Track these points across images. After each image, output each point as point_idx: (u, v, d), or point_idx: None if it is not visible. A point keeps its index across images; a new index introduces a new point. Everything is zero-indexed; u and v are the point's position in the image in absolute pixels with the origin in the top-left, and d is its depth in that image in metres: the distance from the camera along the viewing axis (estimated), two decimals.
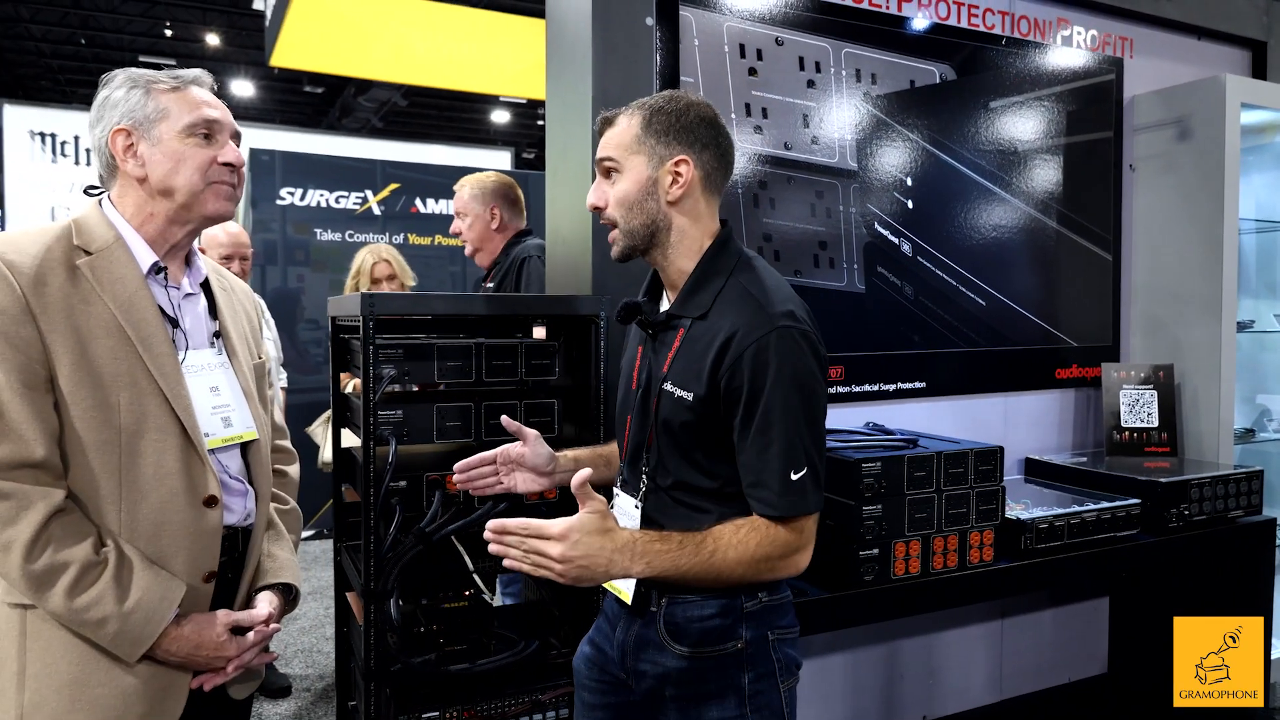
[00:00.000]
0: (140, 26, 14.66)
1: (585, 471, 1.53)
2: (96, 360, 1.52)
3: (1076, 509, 2.79)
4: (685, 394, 1.65)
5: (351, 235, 6.98)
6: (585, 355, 2.44)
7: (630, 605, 1.74)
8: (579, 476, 1.52)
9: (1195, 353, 3.42)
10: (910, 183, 3.11)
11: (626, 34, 2.58)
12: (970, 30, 3.21)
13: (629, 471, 1.80)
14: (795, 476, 1.56)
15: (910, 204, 3.10)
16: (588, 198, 1.75)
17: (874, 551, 2.44)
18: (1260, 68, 3.84)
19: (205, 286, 1.78)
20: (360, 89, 13.76)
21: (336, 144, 8.86)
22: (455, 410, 2.31)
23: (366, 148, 8.92)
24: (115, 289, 1.56)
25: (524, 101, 13.87)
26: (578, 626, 2.37)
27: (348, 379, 2.88)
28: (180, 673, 1.62)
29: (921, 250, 3.13)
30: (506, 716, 2.28)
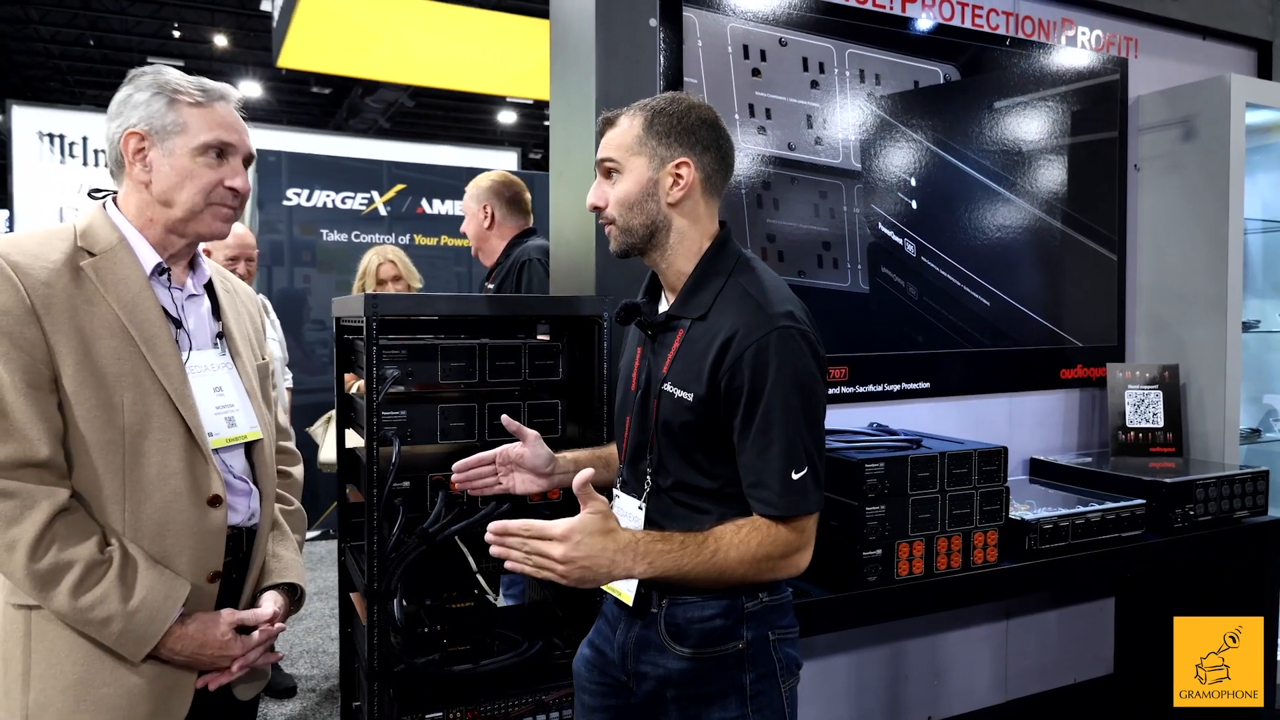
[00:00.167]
0: (148, 28, 14.71)
1: (587, 472, 1.53)
2: (100, 360, 1.53)
3: (1081, 509, 2.78)
4: (685, 395, 1.65)
5: (357, 236, 6.99)
6: (589, 356, 2.44)
7: (630, 607, 1.74)
8: (580, 477, 1.52)
9: (1200, 353, 3.41)
10: (914, 183, 3.10)
11: (630, 35, 2.59)
12: (974, 31, 3.21)
13: (629, 473, 1.81)
14: (796, 476, 1.57)
15: (914, 204, 3.10)
16: (588, 198, 1.75)
17: (877, 552, 2.44)
18: (1265, 67, 3.83)
19: (209, 288, 1.78)
20: (367, 90, 13.80)
21: (343, 145, 8.86)
22: (459, 411, 2.32)
23: (373, 148, 8.94)
24: (119, 290, 1.57)
25: (531, 102, 13.87)
26: (581, 627, 2.37)
27: (352, 380, 2.89)
28: (185, 672, 1.62)
29: (926, 250, 3.13)
30: (510, 717, 2.28)
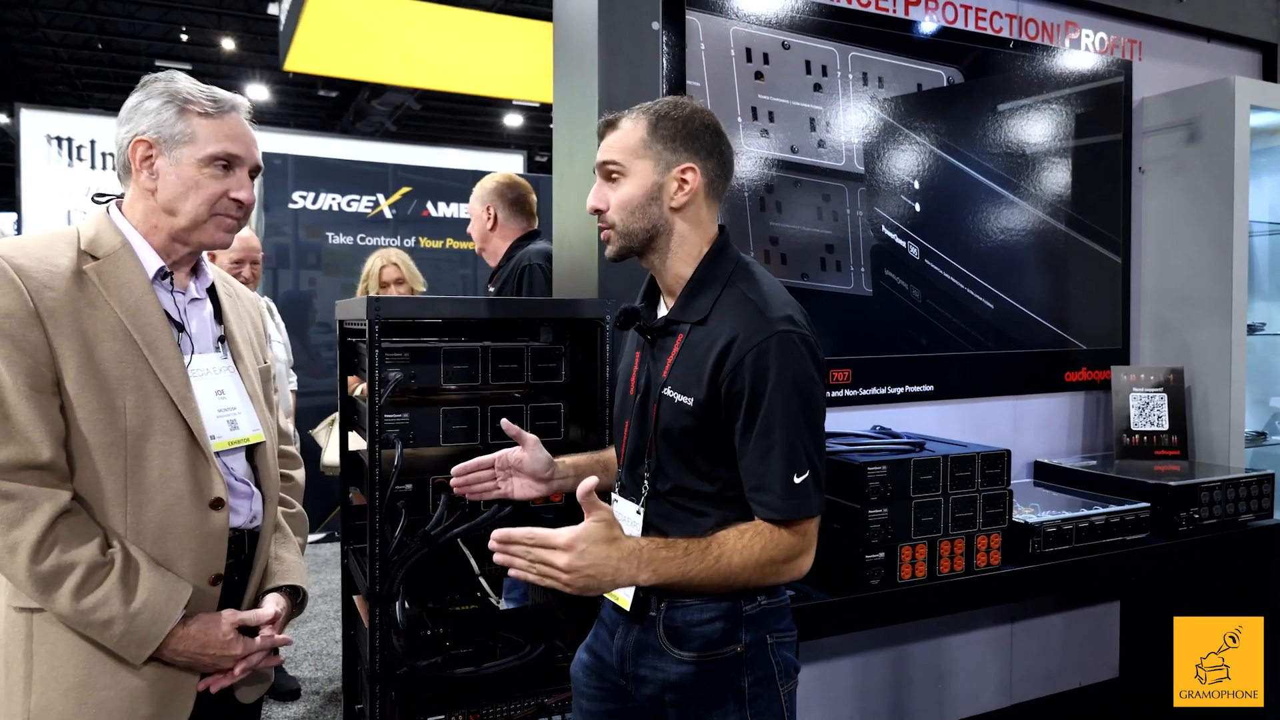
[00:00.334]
0: (156, 31, 14.77)
1: (591, 480, 1.52)
2: (103, 363, 1.53)
3: (1085, 512, 2.78)
4: (685, 399, 1.65)
5: (363, 239, 7.00)
6: (591, 359, 2.44)
7: (628, 611, 1.74)
8: (584, 485, 1.51)
9: (1205, 355, 3.41)
10: (918, 186, 3.10)
11: (633, 38, 2.59)
12: (977, 33, 3.21)
13: (628, 477, 1.81)
14: (798, 480, 1.57)
15: (918, 207, 3.10)
16: (588, 200, 1.74)
17: (880, 555, 2.44)
18: (1270, 70, 3.82)
19: (211, 292, 1.79)
20: (374, 93, 13.82)
21: (348, 148, 8.88)
22: (461, 414, 2.33)
23: (378, 151, 8.95)
24: (122, 293, 1.57)
25: (537, 105, 13.89)
26: (583, 630, 2.37)
27: (355, 382, 2.89)
28: (187, 675, 1.62)
29: (929, 253, 3.13)
30: None
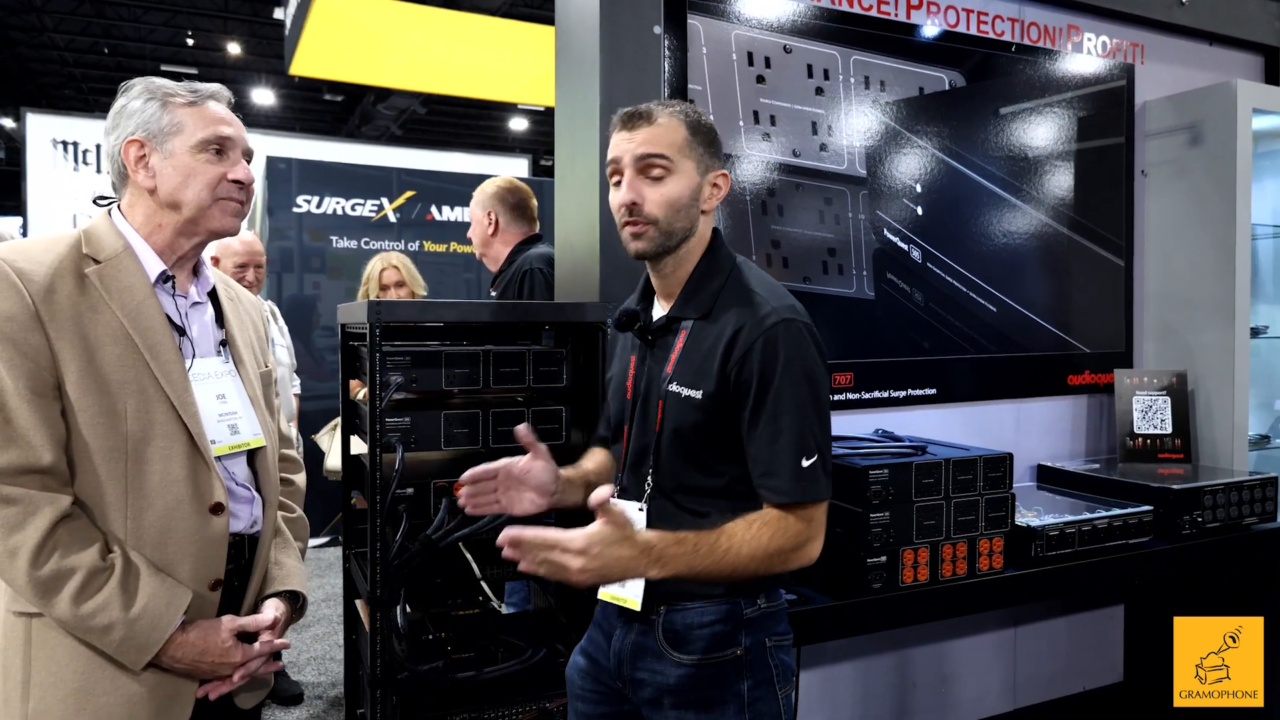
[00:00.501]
0: (162, 36, 14.83)
1: (605, 489, 1.50)
2: (104, 367, 1.53)
3: (1088, 516, 2.77)
4: (694, 393, 1.66)
5: (367, 243, 7.01)
6: (593, 362, 2.44)
7: (637, 612, 1.73)
8: (599, 495, 1.48)
9: (1209, 358, 3.40)
10: (920, 189, 3.10)
11: (635, 42, 2.60)
12: (980, 37, 3.20)
13: (631, 479, 1.80)
14: (806, 464, 1.59)
15: (920, 210, 3.10)
16: (625, 195, 1.68)
17: (882, 559, 2.43)
18: (1273, 73, 3.81)
19: (213, 296, 1.79)
20: (379, 97, 13.86)
21: (353, 151, 8.90)
22: (462, 417, 2.33)
23: (382, 155, 8.96)
24: (123, 297, 1.58)
25: (542, 109, 13.93)
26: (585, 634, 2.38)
27: (358, 386, 2.90)
28: (186, 681, 1.62)
29: (931, 256, 3.12)
30: None
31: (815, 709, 2.94)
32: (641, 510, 1.75)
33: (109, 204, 1.71)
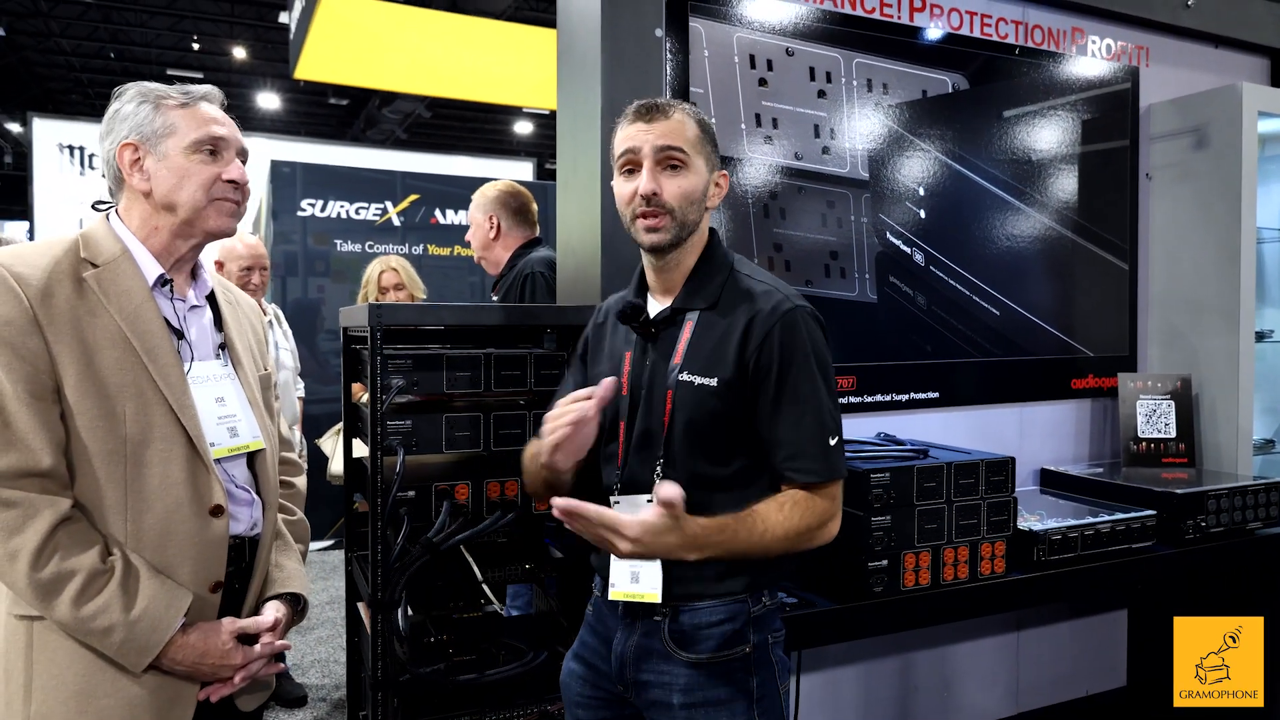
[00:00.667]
0: (168, 40, 14.88)
1: (674, 490, 1.54)
2: (102, 371, 1.54)
3: (1090, 520, 2.76)
4: (709, 380, 1.68)
5: (371, 246, 7.02)
6: None
7: (626, 616, 1.74)
8: (667, 493, 1.54)
9: (1213, 363, 3.39)
10: (922, 192, 3.10)
11: (636, 44, 2.59)
12: (983, 40, 3.20)
13: (633, 472, 1.76)
14: (832, 442, 1.67)
15: (923, 213, 3.09)
16: (646, 184, 1.69)
17: (883, 563, 2.43)
18: (1279, 76, 3.80)
19: (211, 299, 1.79)
20: (384, 101, 13.87)
21: (357, 155, 8.92)
22: (464, 420, 2.33)
23: (386, 159, 8.98)
24: (121, 301, 1.58)
25: (547, 113, 13.91)
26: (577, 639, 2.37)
27: (360, 390, 2.90)
28: (187, 683, 1.62)
29: (934, 260, 3.12)
30: None
31: (817, 712, 2.93)
32: (650, 500, 1.74)
33: (107, 208, 1.71)
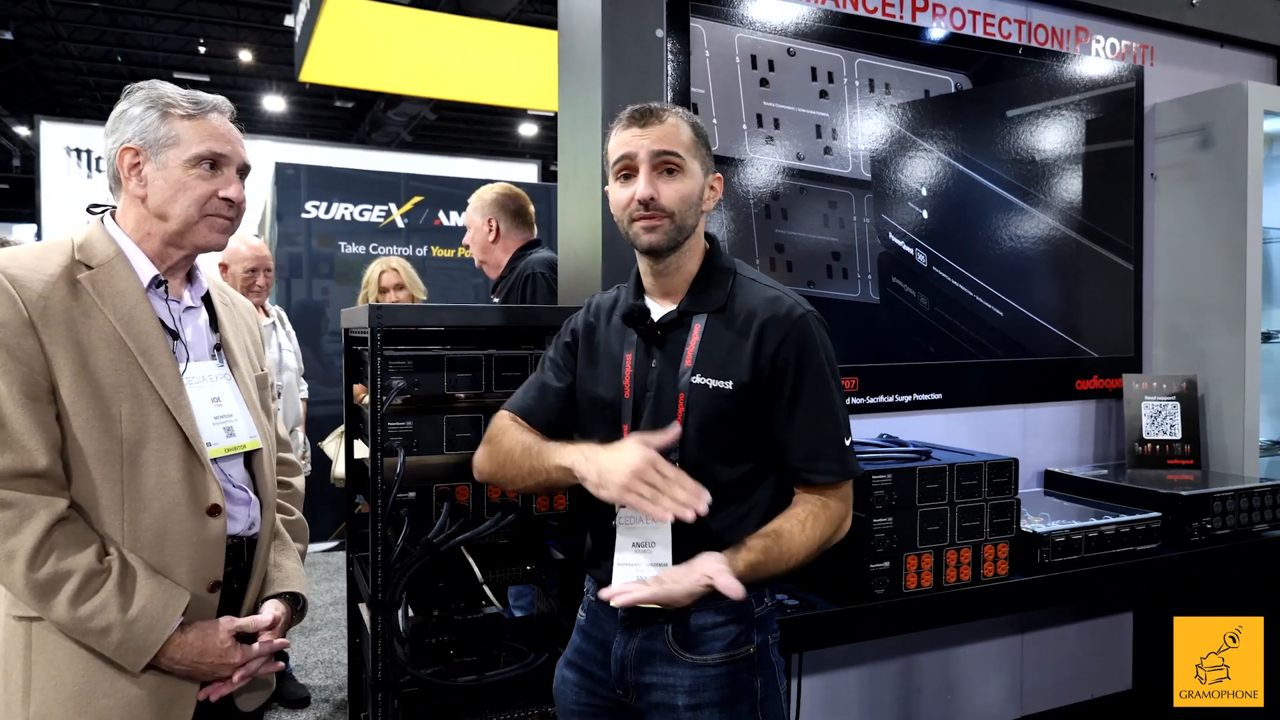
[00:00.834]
0: (175, 43, 14.94)
1: (717, 564, 1.60)
2: (98, 372, 1.54)
3: (1094, 522, 2.75)
4: (722, 383, 1.69)
5: (375, 248, 7.03)
6: None
7: (631, 618, 1.73)
8: (711, 569, 1.59)
9: (1219, 363, 3.37)
10: (925, 193, 3.09)
11: (637, 45, 2.59)
12: (986, 39, 3.19)
13: None
14: (848, 443, 1.72)
15: (925, 214, 3.08)
16: (644, 189, 1.70)
17: (885, 564, 2.41)
18: None
19: (206, 300, 1.79)
20: (389, 103, 13.90)
21: (361, 158, 8.92)
22: (465, 421, 2.32)
23: (390, 161, 8.98)
24: (116, 302, 1.58)
25: (552, 114, 13.90)
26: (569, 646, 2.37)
27: (362, 391, 2.89)
28: (187, 683, 1.62)
29: (937, 260, 3.11)
30: None
31: (819, 715, 2.92)
32: (654, 545, 1.74)
33: (102, 210, 1.71)
